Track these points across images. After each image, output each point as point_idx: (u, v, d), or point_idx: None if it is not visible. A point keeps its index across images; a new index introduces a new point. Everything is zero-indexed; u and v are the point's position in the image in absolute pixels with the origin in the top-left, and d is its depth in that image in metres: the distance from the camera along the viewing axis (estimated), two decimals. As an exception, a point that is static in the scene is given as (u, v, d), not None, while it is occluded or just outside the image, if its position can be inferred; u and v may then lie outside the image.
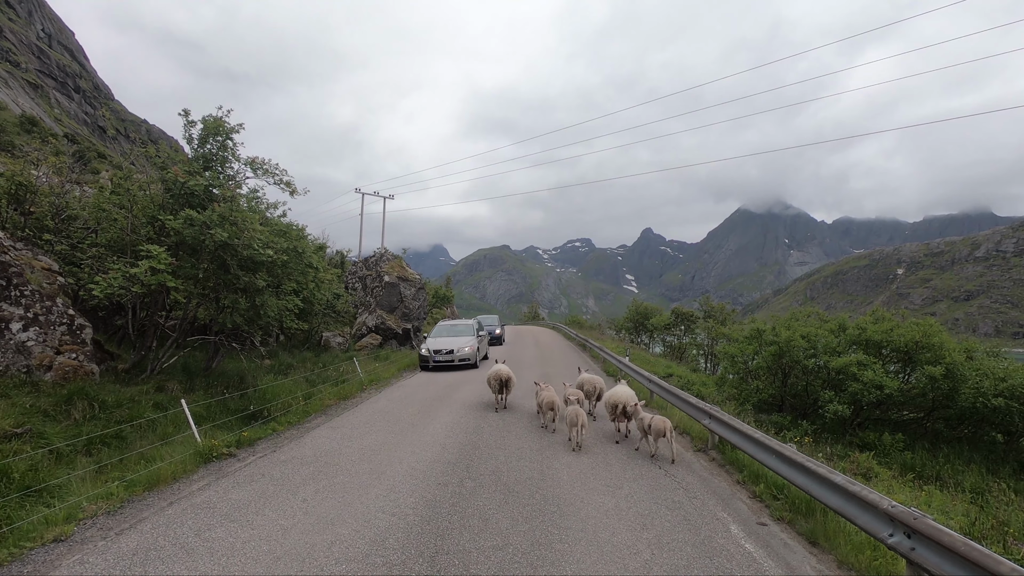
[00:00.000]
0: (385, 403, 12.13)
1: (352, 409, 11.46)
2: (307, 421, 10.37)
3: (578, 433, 8.30)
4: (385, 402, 12.25)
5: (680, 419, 10.31)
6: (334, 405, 11.92)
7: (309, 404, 11.38)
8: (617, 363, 17.04)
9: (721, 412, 8.09)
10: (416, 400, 12.39)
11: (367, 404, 12.04)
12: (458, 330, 21.32)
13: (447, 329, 21.66)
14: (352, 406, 11.84)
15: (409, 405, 11.86)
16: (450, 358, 18.56)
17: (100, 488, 6.11)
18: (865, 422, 14.77)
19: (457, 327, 21.77)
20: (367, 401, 12.42)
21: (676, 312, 37.33)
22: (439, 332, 21.39)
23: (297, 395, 11.89)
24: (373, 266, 34.88)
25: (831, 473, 5.02)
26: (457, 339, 19.86)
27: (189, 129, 11.74)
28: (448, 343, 19.35)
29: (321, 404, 11.61)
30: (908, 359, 15.19)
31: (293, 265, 12.30)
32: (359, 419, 10.42)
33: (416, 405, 11.80)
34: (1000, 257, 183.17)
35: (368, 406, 11.76)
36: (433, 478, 6.70)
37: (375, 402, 12.30)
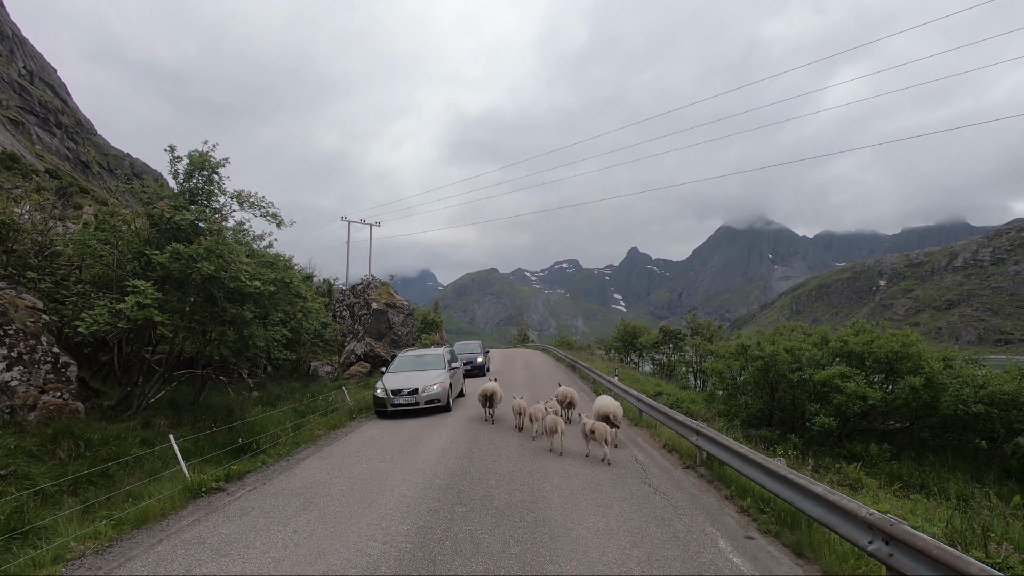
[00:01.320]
0: (375, 431, 12.10)
1: (342, 439, 11.41)
2: (297, 452, 10.31)
3: (559, 439, 9.63)
4: (375, 430, 12.22)
5: (669, 437, 10.40)
6: (324, 435, 11.86)
7: (298, 435, 11.32)
8: (606, 383, 17.14)
9: (708, 428, 8.22)
10: (406, 427, 12.37)
11: (357, 433, 11.99)
12: (425, 362, 16.90)
13: (411, 361, 17.22)
14: (342, 435, 11.79)
15: (399, 432, 11.84)
16: (414, 400, 14.18)
17: (87, 528, 6.05)
18: (852, 433, 14.97)
19: (424, 358, 17.26)
20: (357, 430, 12.37)
21: (664, 330, 37.64)
22: (400, 365, 16.96)
23: (286, 426, 11.83)
24: (360, 293, 34.86)
25: (812, 484, 5.16)
26: (423, 374, 15.52)
27: (175, 164, 11.87)
28: (411, 380, 14.95)
29: (310, 435, 11.55)
30: (890, 369, 15.50)
31: (281, 295, 12.36)
32: (349, 448, 10.38)
33: (406, 432, 11.78)
34: (978, 266, 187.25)
35: (358, 435, 11.72)
36: (424, 504, 6.72)
37: (365, 431, 12.26)
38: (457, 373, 17.70)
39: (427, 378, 15.07)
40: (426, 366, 16.38)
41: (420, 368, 16.21)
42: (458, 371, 18.23)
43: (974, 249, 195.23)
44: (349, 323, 33.87)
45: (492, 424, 12.45)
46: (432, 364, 16.62)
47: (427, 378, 15.07)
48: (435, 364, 16.61)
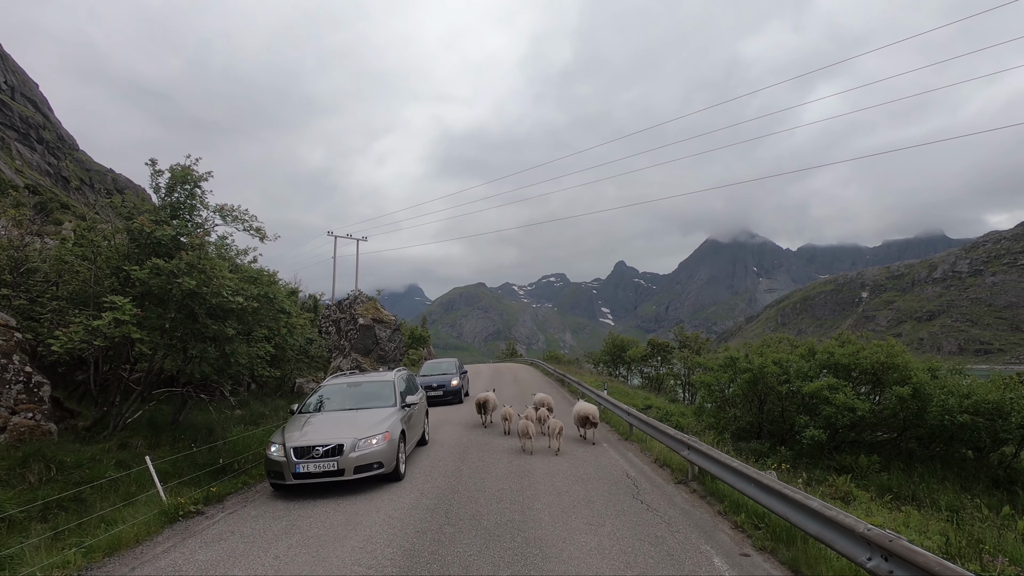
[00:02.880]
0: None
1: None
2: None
3: (530, 443, 10.98)
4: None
5: (660, 451, 10.28)
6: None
7: None
8: (596, 397, 17.01)
9: (700, 443, 8.12)
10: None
11: None
12: (363, 394, 10.77)
13: (339, 394, 10.96)
14: None
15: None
16: (333, 466, 8.31)
17: (55, 556, 5.75)
18: (841, 445, 14.96)
19: (363, 388, 11.12)
20: None
21: (652, 343, 37.67)
22: (322, 403, 10.66)
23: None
24: (347, 309, 34.52)
25: (807, 499, 5.06)
26: (355, 418, 9.48)
27: (156, 178, 11.66)
28: (333, 429, 9.05)
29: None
30: (876, 380, 15.57)
31: (264, 311, 12.12)
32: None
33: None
34: (957, 278, 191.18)
35: None
36: (411, 525, 6.52)
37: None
38: (416, 411, 11.15)
39: (361, 424, 9.05)
40: (365, 401, 10.32)
41: (353, 405, 10.22)
42: (418, 407, 11.42)
43: (952, 261, 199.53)
44: (335, 339, 33.47)
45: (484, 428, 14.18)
46: (374, 398, 10.42)
47: (361, 424, 9.05)
48: (378, 398, 10.40)
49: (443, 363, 24.34)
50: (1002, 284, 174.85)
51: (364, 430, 8.84)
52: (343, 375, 12.81)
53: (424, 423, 12.46)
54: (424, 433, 12.25)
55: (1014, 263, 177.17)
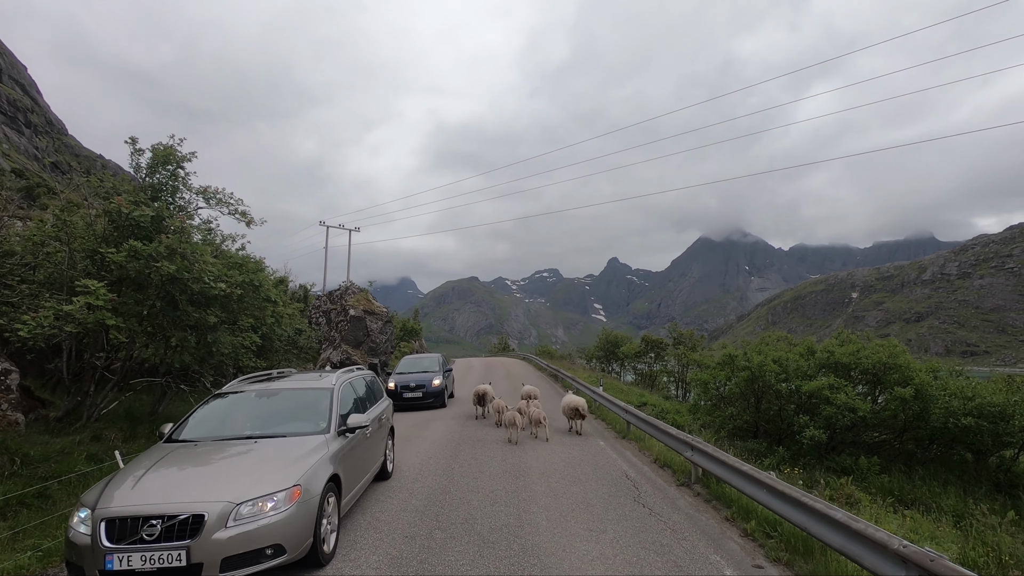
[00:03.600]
0: (349, 444, 11.36)
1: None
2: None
3: (516, 433, 11.24)
4: (349, 443, 11.48)
5: (660, 451, 9.91)
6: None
7: None
8: (591, 393, 16.63)
9: (704, 443, 7.73)
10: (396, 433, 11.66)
11: None
12: (280, 411, 6.63)
13: (241, 412, 6.66)
14: None
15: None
16: (172, 561, 4.30)
17: (8, 560, 5.27)
18: (839, 446, 14.68)
19: (280, 401, 6.85)
20: None
21: (646, 340, 37.36)
22: (209, 424, 6.45)
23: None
24: (338, 300, 33.95)
25: (830, 509, 4.67)
26: (248, 458, 5.39)
27: (136, 158, 11.09)
28: (188, 486, 4.88)
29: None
30: (876, 381, 15.30)
31: (249, 299, 11.61)
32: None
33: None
34: (945, 280, 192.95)
35: None
36: (399, 530, 6.08)
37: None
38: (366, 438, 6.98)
39: (255, 470, 5.12)
40: (275, 424, 6.34)
41: (257, 431, 6.15)
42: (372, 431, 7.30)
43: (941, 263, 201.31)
44: (326, 330, 32.91)
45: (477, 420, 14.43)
46: (293, 419, 6.41)
47: (255, 470, 5.12)
48: (301, 419, 6.38)
49: (424, 359, 20.50)
50: (990, 287, 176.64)
51: (254, 482, 4.81)
52: (263, 377, 7.77)
53: (385, 449, 8.18)
54: (386, 463, 8.20)
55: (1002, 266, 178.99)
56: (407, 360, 20.68)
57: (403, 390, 16.77)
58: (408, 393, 16.74)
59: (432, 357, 20.67)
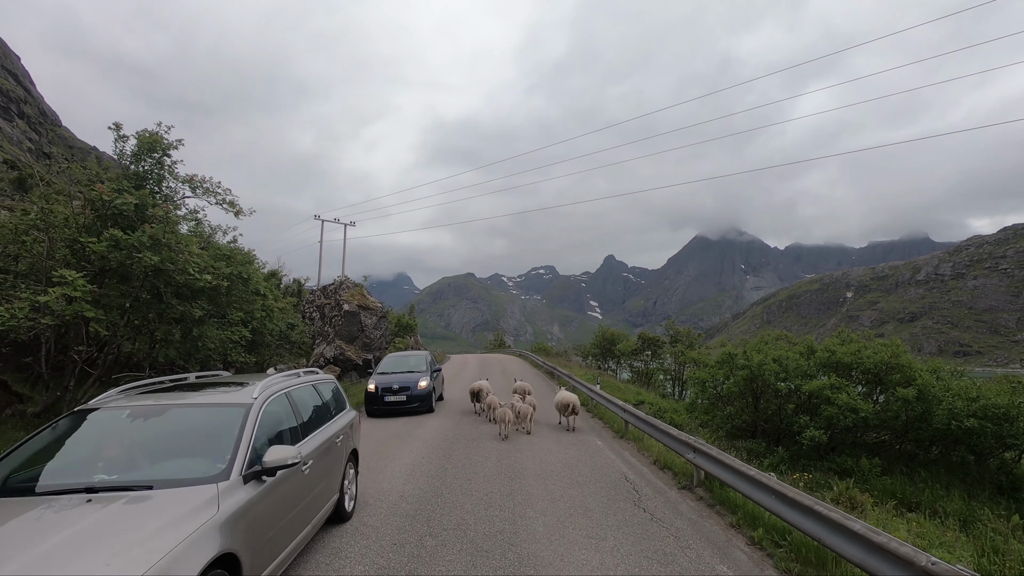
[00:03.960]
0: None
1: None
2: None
3: (505, 427, 11.36)
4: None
5: (659, 452, 9.62)
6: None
7: None
8: (588, 391, 16.34)
9: (707, 445, 7.44)
10: (372, 439, 11.33)
11: None
12: (151, 445, 4.15)
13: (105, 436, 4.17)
14: None
15: (363, 444, 10.80)
16: None
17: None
18: (840, 446, 14.45)
19: (168, 419, 4.34)
20: None
21: (642, 337, 37.12)
22: (30, 464, 3.87)
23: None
24: (332, 294, 33.56)
25: (848, 519, 4.38)
26: (66, 533, 2.83)
27: (121, 144, 10.71)
28: None
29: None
30: (877, 381, 15.06)
31: (238, 293, 11.25)
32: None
33: (372, 444, 10.75)
34: (939, 280, 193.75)
35: None
36: (387, 536, 5.76)
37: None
38: (312, 479, 4.97)
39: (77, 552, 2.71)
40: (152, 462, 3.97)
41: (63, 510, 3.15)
42: (323, 468, 5.35)
43: (936, 264, 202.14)
44: (319, 325, 32.53)
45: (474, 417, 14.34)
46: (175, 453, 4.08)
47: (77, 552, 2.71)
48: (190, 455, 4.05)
49: (410, 356, 17.85)
50: (983, 288, 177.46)
51: None
52: (159, 386, 5.23)
53: (342, 481, 6.05)
54: (342, 500, 6.05)
55: (995, 267, 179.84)
56: (390, 359, 17.93)
57: (384, 393, 14.73)
58: (390, 396, 14.68)
59: (419, 355, 18.02)
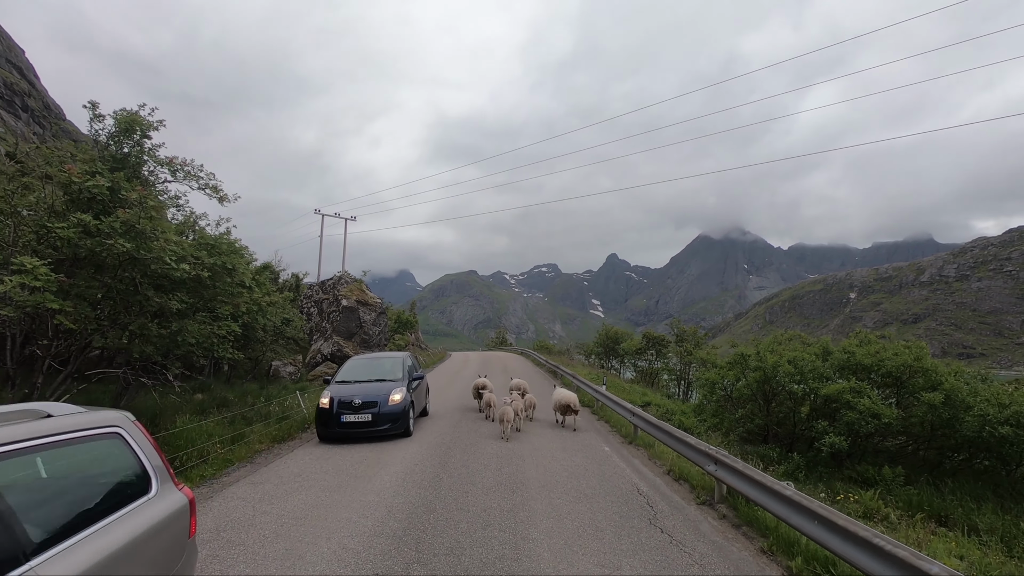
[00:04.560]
0: (326, 447, 10.29)
1: (285, 456, 9.56)
2: (225, 474, 8.46)
3: (507, 426, 11.01)
4: (326, 445, 10.41)
5: (673, 461, 8.88)
6: (265, 451, 9.99)
7: (233, 451, 9.44)
8: (593, 393, 15.58)
9: (730, 457, 6.69)
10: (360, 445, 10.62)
11: (304, 449, 10.14)
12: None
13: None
14: (286, 451, 9.94)
15: (354, 447, 10.08)
16: None
17: None
18: (858, 453, 13.69)
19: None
20: (305, 445, 10.52)
21: (647, 336, 36.35)
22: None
23: (223, 438, 9.90)
24: (330, 289, 32.87)
25: (919, 559, 3.62)
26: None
27: (96, 124, 9.98)
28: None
29: (248, 450, 9.68)
30: (898, 384, 14.29)
31: (222, 285, 10.50)
32: (290, 470, 8.59)
33: (363, 447, 10.04)
34: (943, 282, 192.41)
35: (305, 452, 9.89)
36: (370, 562, 5.02)
37: (314, 446, 10.43)
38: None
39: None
40: None
41: None
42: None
43: (940, 265, 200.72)
44: (317, 320, 31.86)
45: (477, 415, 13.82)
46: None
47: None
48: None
49: (384, 360, 13.36)
50: (987, 290, 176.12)
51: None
52: None
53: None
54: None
55: (1000, 269, 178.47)
56: (355, 362, 13.38)
57: (342, 410, 10.57)
58: (349, 415, 10.53)
59: (395, 358, 13.27)
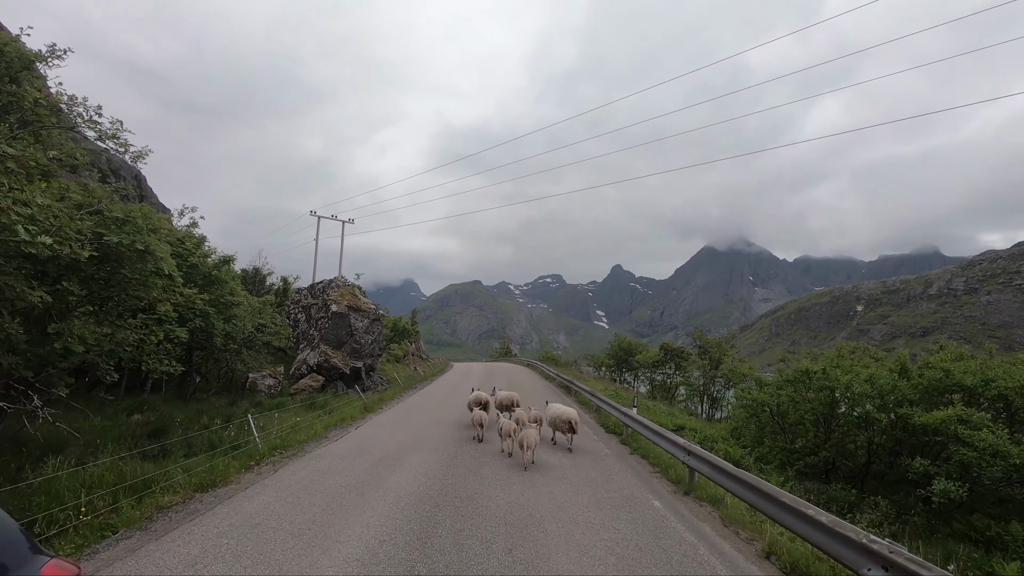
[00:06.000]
0: (272, 496, 7.41)
1: (197, 518, 6.60)
2: (103, 547, 5.61)
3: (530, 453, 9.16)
4: (273, 494, 7.51)
5: (773, 537, 5.98)
6: (178, 504, 7.10)
7: (120, 512, 6.51)
8: (621, 417, 12.60)
9: (905, 551, 3.82)
10: (330, 487, 7.75)
11: (231, 506, 7.19)
12: None
13: None
14: (203, 509, 6.98)
15: (314, 497, 7.23)
16: None
17: None
18: (970, 501, 10.73)
19: None
20: (238, 496, 7.59)
21: (665, 348, 33.39)
22: None
23: (114, 488, 7.01)
24: (320, 294, 30.08)
25: None
26: None
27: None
28: None
29: (154, 505, 6.81)
30: (1010, 411, 11.36)
31: (132, 272, 7.74)
32: (212, 532, 5.75)
33: (327, 496, 7.19)
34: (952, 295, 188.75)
35: (229, 511, 6.93)
36: None
37: (258, 493, 7.56)
38: None
39: None
40: None
41: None
42: None
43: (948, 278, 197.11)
44: (304, 327, 29.07)
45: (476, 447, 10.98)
46: None
47: None
48: None
49: None
50: (997, 303, 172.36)
51: None
52: None
53: None
54: None
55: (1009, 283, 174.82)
56: None
57: None
58: None
59: None
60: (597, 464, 9.53)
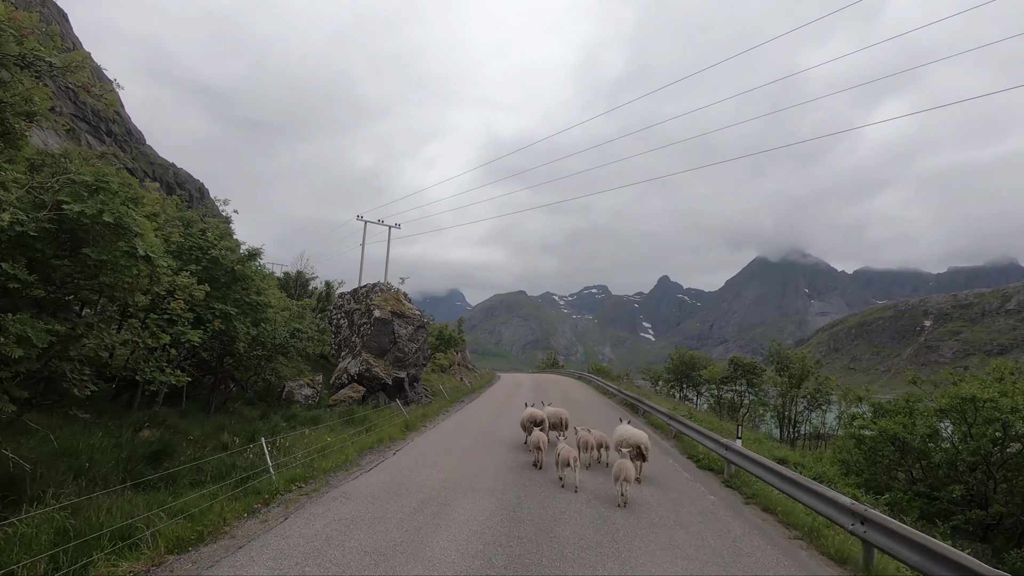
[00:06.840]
0: (267, 567, 5.32)
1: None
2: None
3: (626, 486, 7.77)
4: (270, 563, 5.41)
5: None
6: (143, 573, 5.09)
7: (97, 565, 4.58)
8: (720, 451, 10.02)
9: None
10: (350, 553, 5.61)
11: (227, 566, 5.19)
12: None
13: None
14: (195, 560, 5.01)
15: (325, 568, 5.12)
16: None
17: None
18: None
19: None
20: (237, 553, 5.54)
21: (735, 363, 30.15)
22: None
23: (57, 551, 5.14)
24: (362, 299, 28.58)
25: None
26: None
27: None
28: None
29: (112, 573, 4.84)
30: None
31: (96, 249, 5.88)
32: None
33: (342, 568, 5.08)
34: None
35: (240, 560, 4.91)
36: None
37: (251, 559, 5.49)
38: None
39: None
40: None
41: None
42: None
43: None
44: (347, 334, 27.58)
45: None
46: None
47: None
48: None
49: None
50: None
51: None
52: None
53: None
54: None
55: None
56: None
57: None
58: None
59: None
60: (707, 521, 7.06)
